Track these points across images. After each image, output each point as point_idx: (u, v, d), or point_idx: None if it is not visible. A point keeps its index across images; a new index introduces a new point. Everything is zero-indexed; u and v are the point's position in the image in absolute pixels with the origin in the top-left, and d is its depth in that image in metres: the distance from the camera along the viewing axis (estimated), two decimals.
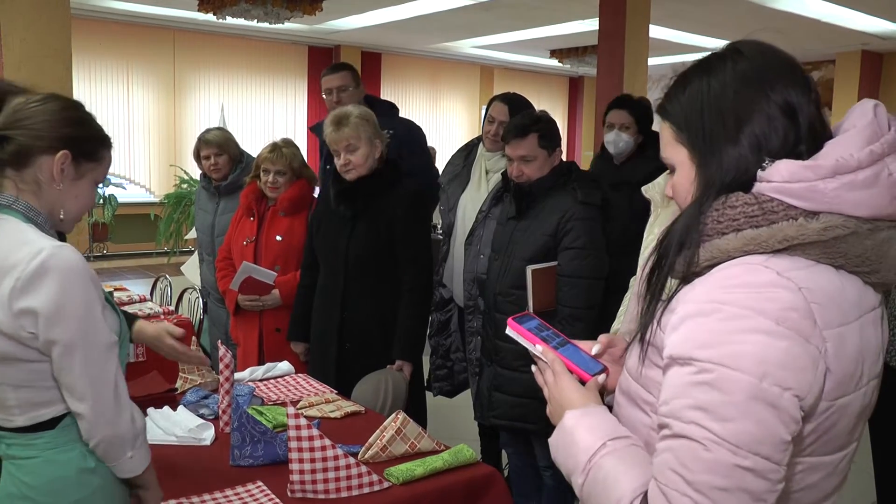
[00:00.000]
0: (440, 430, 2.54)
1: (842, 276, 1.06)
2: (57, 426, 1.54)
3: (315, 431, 1.95)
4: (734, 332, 0.99)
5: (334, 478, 1.96)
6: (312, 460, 1.94)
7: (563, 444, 1.18)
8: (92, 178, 1.64)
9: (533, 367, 1.31)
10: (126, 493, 1.68)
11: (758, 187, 1.07)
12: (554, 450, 1.20)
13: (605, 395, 1.31)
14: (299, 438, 1.94)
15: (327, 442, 1.96)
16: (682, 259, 1.10)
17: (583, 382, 1.24)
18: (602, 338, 1.35)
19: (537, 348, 1.28)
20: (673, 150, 1.17)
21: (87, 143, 1.60)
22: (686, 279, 1.10)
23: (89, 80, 10.75)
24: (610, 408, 1.23)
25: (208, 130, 4.17)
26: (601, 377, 1.26)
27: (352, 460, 1.98)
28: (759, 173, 1.07)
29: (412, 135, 3.93)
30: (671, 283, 1.13)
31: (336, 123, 2.97)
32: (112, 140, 1.69)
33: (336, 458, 1.95)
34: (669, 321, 1.08)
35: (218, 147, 3.99)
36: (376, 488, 2.00)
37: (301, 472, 1.94)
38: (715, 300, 1.02)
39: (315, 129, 4.15)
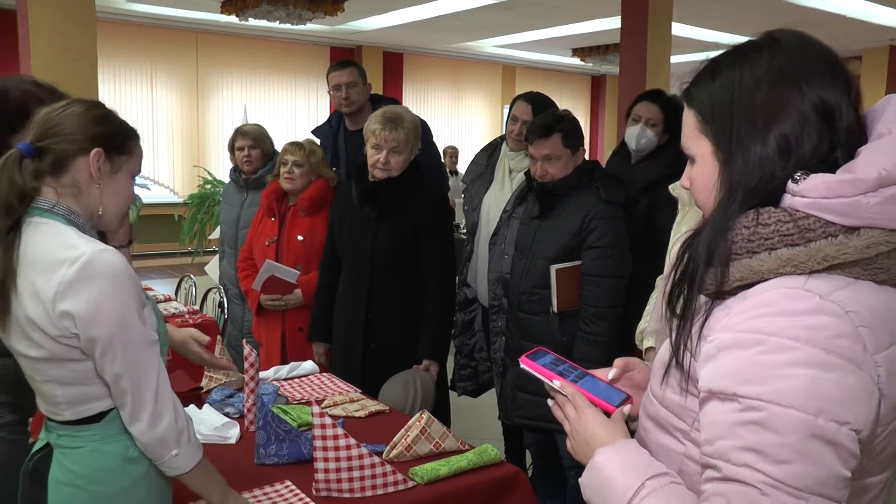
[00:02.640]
0: (464, 429, 2.54)
1: (885, 292, 1.00)
2: (103, 419, 1.60)
3: (340, 430, 1.96)
4: (780, 365, 0.92)
5: (359, 476, 1.96)
6: (337, 459, 1.95)
7: (596, 485, 1.10)
8: (128, 171, 1.67)
9: (549, 402, 1.24)
10: (169, 488, 1.72)
11: (791, 202, 1.00)
12: (586, 490, 1.13)
13: (630, 422, 1.24)
14: (324, 437, 1.95)
15: (352, 441, 1.96)
16: (712, 276, 1.03)
17: (607, 414, 1.18)
18: (618, 362, 1.29)
19: (555, 383, 1.21)
20: (695, 140, 1.11)
21: (116, 137, 1.64)
22: (717, 296, 1.04)
23: (114, 81, 10.85)
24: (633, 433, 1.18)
25: (246, 124, 4.21)
26: (626, 408, 1.19)
27: (376, 459, 1.99)
28: (792, 186, 1.00)
29: None
30: (696, 301, 1.06)
31: (391, 122, 2.97)
32: (138, 132, 1.72)
33: (361, 457, 1.96)
34: (703, 349, 1.02)
35: (253, 140, 4.03)
36: (401, 487, 2.00)
37: (326, 470, 1.95)
38: (755, 330, 0.95)
39: (317, 132, 4.16)
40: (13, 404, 2.17)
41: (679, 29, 9.28)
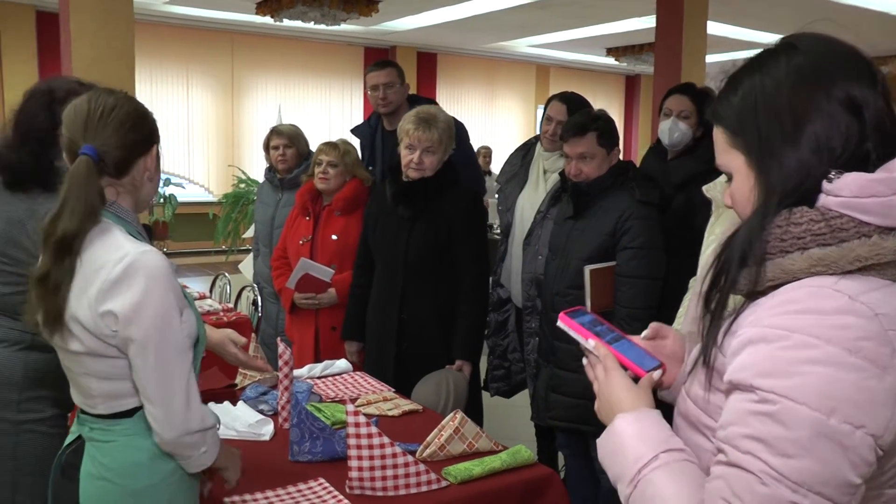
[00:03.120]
0: (496, 430, 2.54)
1: None
2: (135, 415, 1.62)
3: (374, 429, 1.97)
4: (800, 361, 0.93)
5: (392, 475, 1.96)
6: (371, 458, 1.95)
7: (611, 449, 1.12)
8: (158, 155, 1.71)
9: (584, 361, 1.25)
10: (197, 484, 1.74)
11: (824, 201, 0.99)
12: (601, 451, 1.15)
13: (660, 390, 1.27)
14: (358, 436, 1.95)
15: (386, 440, 1.97)
16: (746, 276, 1.03)
17: (636, 379, 1.19)
18: (653, 324, 1.30)
19: (589, 342, 1.22)
20: (728, 156, 1.10)
21: (155, 125, 1.69)
22: (750, 296, 1.04)
23: (150, 82, 11.00)
24: (663, 409, 1.17)
25: (282, 123, 4.25)
26: (656, 373, 1.20)
27: (410, 458, 1.99)
28: (826, 185, 0.99)
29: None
30: (734, 300, 1.07)
31: (424, 122, 2.97)
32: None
33: (395, 455, 1.96)
34: (730, 345, 1.02)
35: (288, 139, 4.05)
36: (434, 487, 2.00)
37: (360, 468, 1.96)
38: (780, 326, 0.96)
39: (356, 132, 4.18)
40: (55, 398, 2.22)
41: (714, 27, 9.17)
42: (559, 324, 1.27)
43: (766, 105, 1.04)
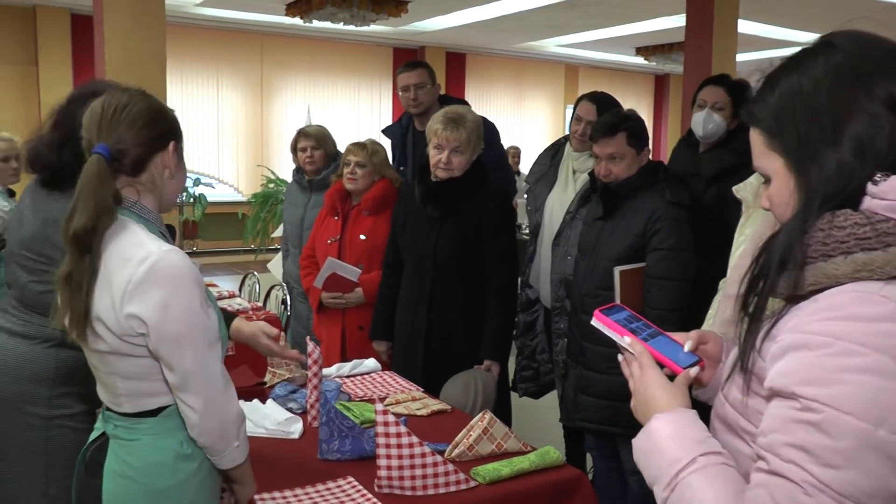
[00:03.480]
0: (524, 430, 2.54)
1: None
2: (159, 414, 1.62)
3: (403, 428, 1.97)
4: (844, 370, 0.91)
5: (421, 475, 1.97)
6: (400, 457, 1.96)
7: (647, 450, 1.11)
8: (181, 154, 1.72)
9: (619, 357, 1.23)
10: (218, 486, 1.74)
11: (869, 204, 0.97)
12: (637, 452, 1.13)
13: (696, 388, 1.26)
14: (387, 435, 1.96)
15: (415, 439, 1.97)
16: (786, 280, 1.01)
17: (674, 376, 1.17)
18: (693, 333, 1.27)
19: (624, 339, 1.20)
20: (766, 158, 1.08)
21: (176, 125, 1.69)
22: (790, 300, 1.02)
23: (181, 83, 11.11)
24: (700, 409, 1.16)
25: (309, 125, 4.27)
26: (693, 370, 1.18)
27: (439, 458, 1.99)
28: (871, 188, 0.97)
29: (484, 130, 3.90)
30: (772, 303, 1.05)
31: (452, 122, 2.98)
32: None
33: (423, 455, 1.97)
34: (770, 349, 1.01)
35: (316, 141, 4.07)
36: (463, 487, 2.00)
37: (389, 468, 1.96)
38: (823, 332, 0.94)
39: (387, 132, 4.19)
40: (84, 395, 2.25)
41: (745, 26, 9.08)
42: (593, 321, 1.25)
43: (804, 106, 1.02)
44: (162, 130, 1.63)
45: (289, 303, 4.36)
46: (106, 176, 1.53)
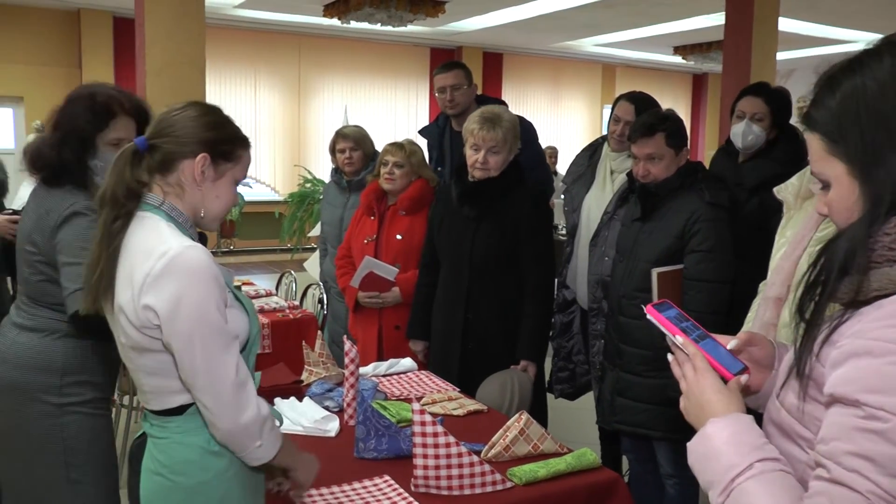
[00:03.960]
0: (560, 432, 2.53)
1: None
2: (184, 413, 1.64)
3: (440, 428, 1.97)
4: None
5: (458, 475, 1.97)
6: (437, 456, 1.96)
7: (702, 454, 1.09)
8: (231, 178, 1.73)
9: (670, 357, 1.22)
10: (255, 480, 1.76)
11: None
12: (692, 455, 1.11)
13: (746, 395, 1.23)
14: (424, 434, 1.96)
15: (451, 439, 1.97)
16: (848, 285, 0.99)
17: (722, 381, 1.15)
18: (742, 334, 1.25)
19: (678, 339, 1.19)
20: (826, 164, 1.05)
21: (223, 144, 1.70)
22: (851, 305, 1.00)
23: (220, 84, 11.26)
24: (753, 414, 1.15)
25: (346, 126, 4.29)
26: (744, 377, 1.16)
27: (475, 458, 1.99)
28: None
29: (522, 130, 3.89)
30: (830, 309, 1.03)
31: (488, 122, 2.98)
32: (249, 140, 1.78)
33: (460, 455, 1.97)
34: (830, 355, 0.99)
35: (354, 142, 4.09)
36: (499, 487, 2.00)
37: (425, 467, 1.97)
38: (888, 339, 0.92)
39: (424, 132, 4.19)
40: (94, 383, 2.34)
41: (786, 24, 8.95)
42: (647, 316, 1.24)
43: (869, 109, 0.99)
44: (195, 140, 1.66)
45: (325, 302, 4.38)
46: (130, 158, 1.64)
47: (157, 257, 1.54)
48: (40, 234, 2.26)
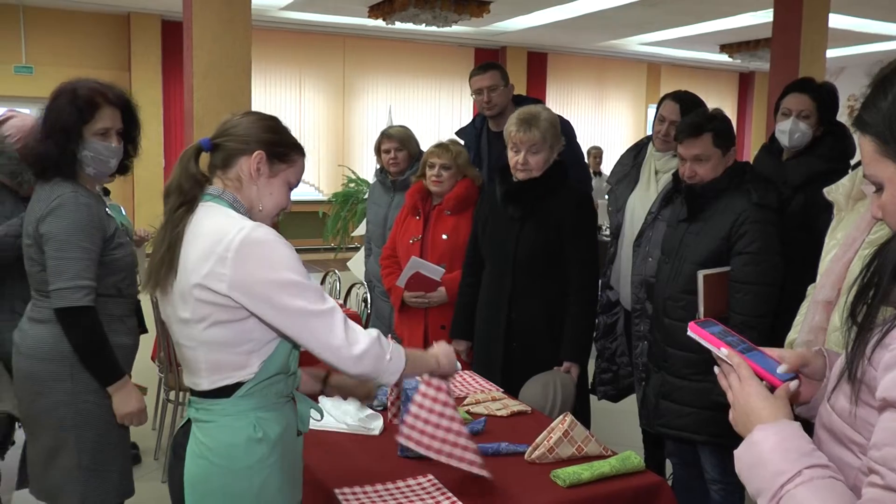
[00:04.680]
0: (603, 434, 2.51)
1: None
2: (233, 395, 1.70)
3: (442, 396, 1.95)
4: None
5: (441, 438, 1.94)
6: (431, 411, 1.95)
7: (749, 461, 1.08)
8: (284, 179, 1.85)
9: (716, 369, 1.21)
10: (294, 469, 1.82)
11: None
12: (739, 463, 1.10)
13: (796, 406, 1.22)
14: (425, 395, 1.96)
15: (450, 409, 1.95)
16: None
17: (771, 389, 1.15)
18: (793, 358, 1.22)
19: (722, 351, 1.19)
20: (879, 166, 1.03)
21: (279, 146, 1.83)
22: None
23: (265, 85, 11.40)
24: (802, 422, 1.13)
25: (392, 126, 4.33)
26: (793, 384, 1.15)
27: (464, 431, 1.96)
28: None
29: (561, 129, 3.87)
30: (884, 312, 1.01)
31: (525, 122, 2.99)
32: (304, 150, 1.91)
33: (452, 418, 1.94)
34: (883, 358, 0.97)
35: (399, 142, 4.12)
36: (475, 470, 1.94)
37: (416, 416, 1.96)
38: None
39: (461, 133, 4.20)
40: None
41: (836, 20, 8.75)
42: (689, 333, 1.25)
43: None
44: (250, 139, 1.79)
45: (370, 301, 4.41)
46: (193, 155, 1.78)
47: (235, 233, 1.64)
48: (32, 226, 2.36)
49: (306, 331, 1.67)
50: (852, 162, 2.91)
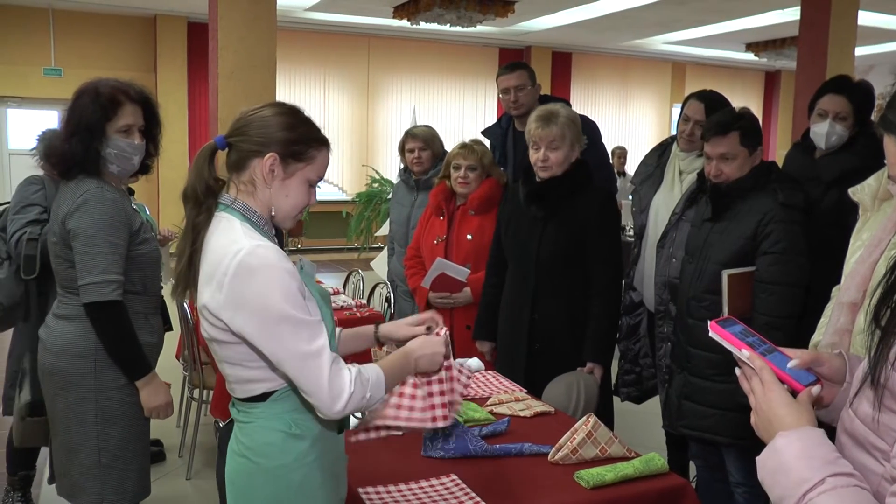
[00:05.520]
0: (626, 436, 2.49)
1: None
2: (268, 399, 1.70)
3: (443, 374, 1.83)
4: None
5: (408, 406, 1.81)
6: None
7: (772, 468, 1.07)
8: (302, 178, 1.74)
9: (737, 371, 1.20)
10: (337, 465, 1.81)
11: None
12: (761, 469, 1.09)
13: (818, 408, 1.21)
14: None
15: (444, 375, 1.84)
16: None
17: (793, 393, 1.13)
18: (805, 354, 1.22)
19: (743, 353, 1.18)
20: None
21: (294, 144, 1.71)
22: None
23: (290, 85, 11.47)
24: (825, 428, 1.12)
25: (416, 126, 4.34)
26: (815, 389, 1.14)
27: (419, 393, 1.82)
28: None
29: (585, 129, 3.85)
30: None
31: (544, 120, 2.99)
32: (329, 141, 1.80)
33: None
34: None
35: (423, 142, 4.14)
36: (439, 424, 1.83)
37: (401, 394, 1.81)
38: None
39: (487, 133, 4.20)
40: None
41: (865, 17, 8.61)
42: (710, 333, 1.23)
43: None
44: (266, 139, 1.69)
45: (392, 300, 4.42)
46: (207, 157, 1.72)
47: (231, 257, 1.59)
48: (58, 222, 2.39)
49: (292, 368, 1.59)
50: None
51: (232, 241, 1.62)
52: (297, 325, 1.58)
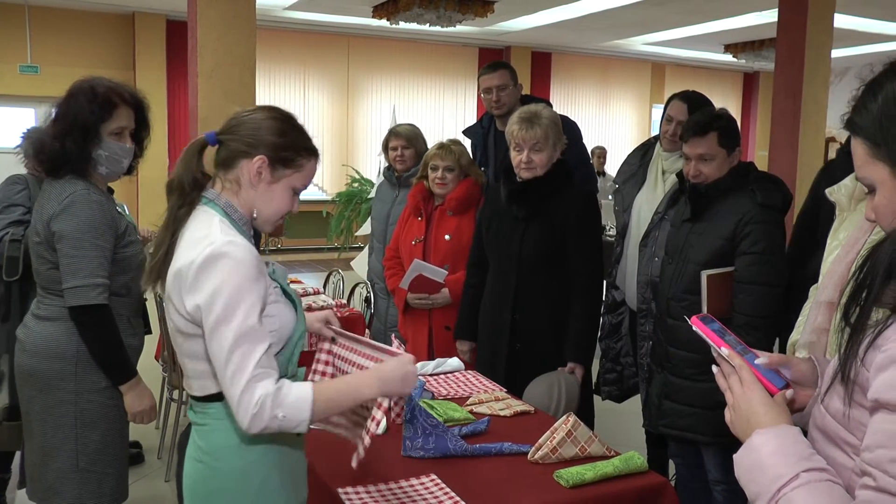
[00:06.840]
0: (606, 435, 2.50)
1: None
2: (223, 399, 1.65)
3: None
4: None
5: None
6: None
7: (748, 465, 1.09)
8: (288, 184, 1.74)
9: (714, 368, 1.22)
10: (297, 468, 1.79)
11: None
12: (738, 467, 1.11)
13: (791, 412, 1.22)
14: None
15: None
16: (893, 290, 0.99)
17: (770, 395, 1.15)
18: (773, 356, 1.24)
19: (723, 351, 1.20)
20: (871, 168, 1.05)
21: (284, 150, 1.72)
22: None
23: (270, 84, 11.41)
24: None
25: (400, 124, 4.35)
26: (789, 392, 1.17)
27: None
28: None
29: (565, 129, 3.86)
30: (876, 313, 1.02)
31: (527, 122, 2.99)
32: (318, 151, 1.80)
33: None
34: (875, 359, 0.98)
35: (406, 140, 4.14)
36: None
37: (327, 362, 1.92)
38: None
39: (468, 132, 4.20)
40: None
41: (841, 20, 8.72)
42: (693, 327, 1.26)
43: None
44: (253, 142, 1.70)
45: (372, 300, 4.42)
46: (197, 151, 1.73)
47: (202, 249, 1.59)
48: (42, 223, 2.36)
49: (217, 368, 1.57)
50: None
51: (206, 234, 1.62)
52: (239, 327, 1.55)
